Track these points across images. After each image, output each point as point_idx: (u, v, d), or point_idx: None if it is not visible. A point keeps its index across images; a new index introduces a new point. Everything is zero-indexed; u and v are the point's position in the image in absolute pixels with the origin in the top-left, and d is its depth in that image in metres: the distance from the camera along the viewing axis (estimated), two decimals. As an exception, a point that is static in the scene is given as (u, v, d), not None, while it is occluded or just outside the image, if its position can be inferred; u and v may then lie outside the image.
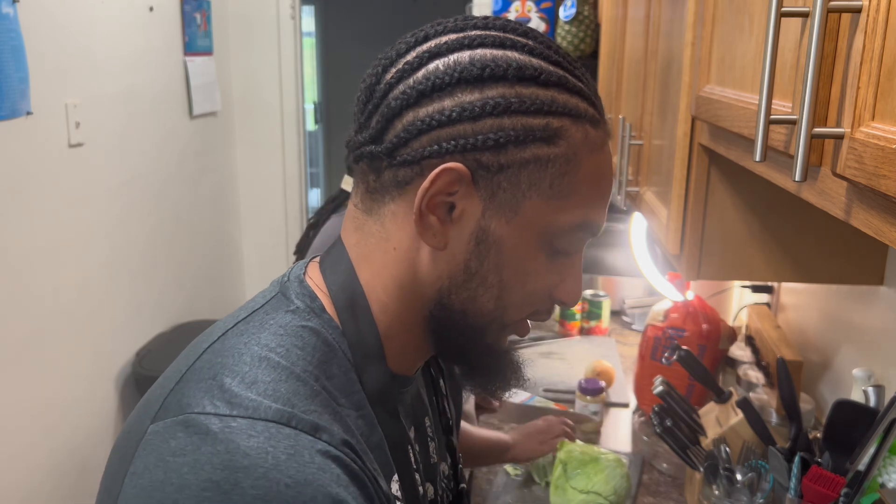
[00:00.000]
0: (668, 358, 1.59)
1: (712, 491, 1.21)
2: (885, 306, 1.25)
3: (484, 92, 0.59)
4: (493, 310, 0.63)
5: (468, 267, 0.62)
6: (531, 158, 0.59)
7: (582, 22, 2.69)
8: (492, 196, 0.60)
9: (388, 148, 0.60)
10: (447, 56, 0.60)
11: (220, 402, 0.54)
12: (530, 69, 0.60)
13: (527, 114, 0.59)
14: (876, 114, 0.52)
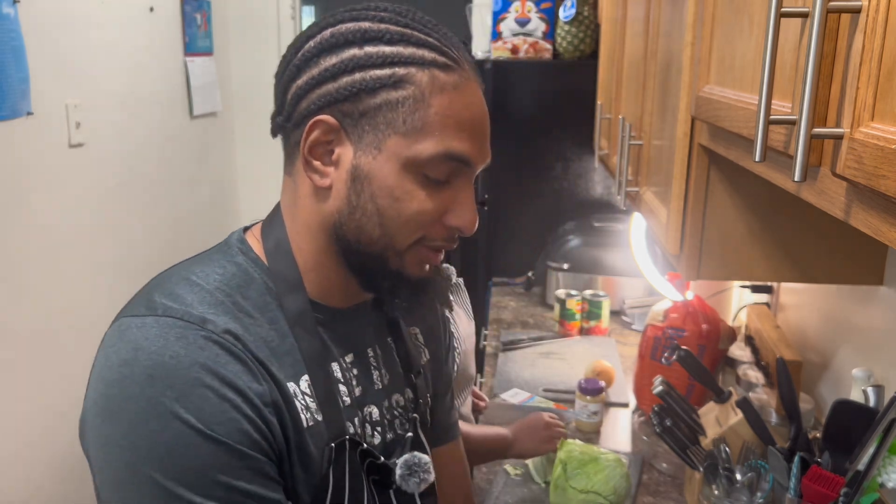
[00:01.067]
0: (668, 358, 1.59)
1: (712, 491, 1.22)
2: (884, 306, 1.25)
3: (340, 56, 0.74)
4: (381, 236, 0.76)
5: (350, 201, 0.76)
6: (382, 103, 0.73)
7: (582, 22, 2.69)
8: (359, 139, 0.74)
9: (286, 116, 0.78)
10: (319, 34, 0.76)
11: (143, 308, 0.75)
12: (376, 31, 0.74)
13: (373, 67, 0.73)
14: (875, 114, 0.52)
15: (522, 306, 2.59)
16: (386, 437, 0.86)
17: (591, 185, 2.80)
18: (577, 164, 2.77)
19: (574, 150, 2.76)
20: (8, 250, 2.01)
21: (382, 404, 0.86)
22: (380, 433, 0.85)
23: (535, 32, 2.76)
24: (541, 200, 2.81)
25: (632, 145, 1.54)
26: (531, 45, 2.75)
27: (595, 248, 2.49)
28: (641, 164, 1.50)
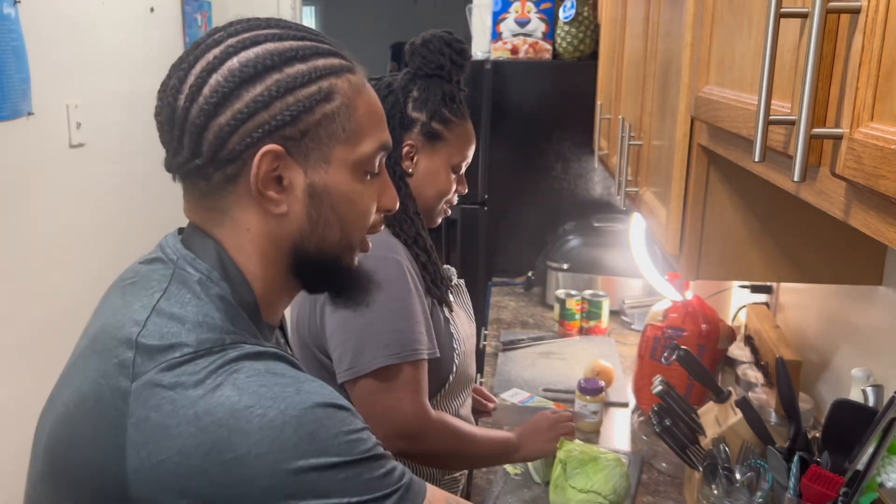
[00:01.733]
0: (668, 358, 1.59)
1: (711, 490, 1.22)
2: (883, 306, 1.25)
3: (264, 83, 0.72)
4: (341, 239, 0.80)
5: (310, 217, 0.77)
6: (321, 118, 0.75)
7: (581, 23, 2.69)
8: (305, 158, 0.75)
9: (209, 156, 0.73)
10: (221, 68, 0.73)
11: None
12: (288, 51, 0.74)
13: (301, 86, 0.73)
14: (875, 114, 0.52)
15: (522, 306, 2.59)
16: None
17: (591, 186, 2.80)
18: (577, 164, 2.78)
19: (574, 151, 2.76)
20: (8, 250, 2.01)
21: None
22: None
23: (534, 33, 2.76)
24: (541, 200, 2.81)
25: (631, 145, 1.54)
26: (531, 45, 2.76)
27: (595, 248, 2.49)
28: (641, 165, 1.51)
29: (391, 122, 1.30)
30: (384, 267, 1.22)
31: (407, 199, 1.33)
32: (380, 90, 1.34)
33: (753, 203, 1.12)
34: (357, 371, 1.22)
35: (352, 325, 1.22)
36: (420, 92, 1.34)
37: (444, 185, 1.37)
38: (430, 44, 1.34)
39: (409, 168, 1.34)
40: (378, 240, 1.24)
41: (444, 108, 1.33)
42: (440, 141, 1.34)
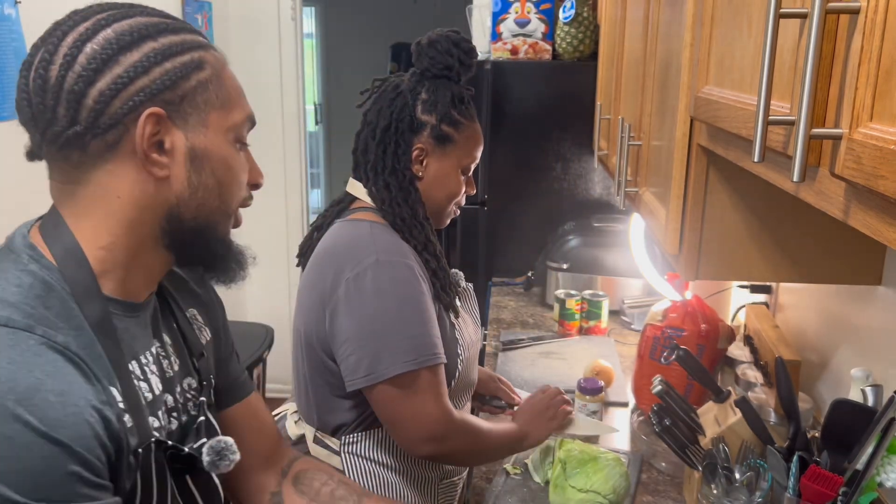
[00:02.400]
0: (667, 357, 1.59)
1: (711, 490, 1.22)
2: (883, 306, 1.25)
3: (141, 50, 0.76)
4: (219, 205, 0.84)
5: (191, 182, 0.80)
6: (197, 84, 0.79)
7: (581, 23, 2.69)
8: (185, 122, 0.79)
9: (89, 123, 0.74)
10: (95, 37, 0.75)
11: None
12: (160, 24, 0.79)
13: (176, 55, 0.78)
14: (874, 114, 0.53)
15: (522, 306, 2.59)
16: (181, 420, 0.89)
17: (591, 186, 2.80)
18: (577, 164, 2.78)
19: (574, 151, 2.76)
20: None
21: (175, 390, 0.89)
22: (175, 418, 0.88)
23: (534, 33, 2.76)
24: (541, 200, 2.81)
25: (631, 146, 1.54)
26: (531, 45, 2.76)
27: (595, 248, 2.49)
28: (641, 165, 1.51)
29: (400, 125, 1.30)
30: (397, 271, 1.22)
31: (416, 203, 1.32)
32: (387, 92, 1.33)
33: (753, 203, 1.12)
34: (375, 378, 1.20)
35: (368, 331, 1.21)
36: (429, 94, 1.32)
37: (454, 186, 1.36)
38: (438, 44, 1.32)
39: (419, 171, 1.33)
40: (389, 244, 1.25)
41: (453, 110, 1.32)
42: (450, 143, 1.33)
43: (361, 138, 1.35)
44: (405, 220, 1.29)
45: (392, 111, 1.31)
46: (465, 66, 1.34)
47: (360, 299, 1.21)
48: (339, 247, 1.28)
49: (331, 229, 1.34)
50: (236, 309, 3.67)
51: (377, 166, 1.31)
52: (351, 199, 1.37)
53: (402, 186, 1.31)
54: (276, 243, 3.74)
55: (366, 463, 1.31)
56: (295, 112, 3.61)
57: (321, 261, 1.30)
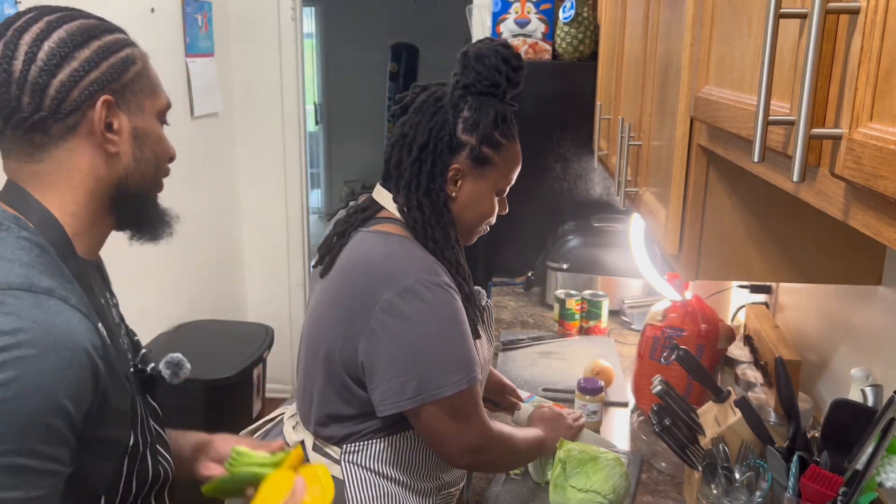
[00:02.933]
0: (667, 357, 1.59)
1: (711, 490, 1.22)
2: (883, 306, 1.25)
3: (91, 48, 0.92)
4: (155, 175, 1.02)
5: (135, 156, 0.98)
6: (133, 76, 0.96)
7: (581, 23, 2.69)
8: (128, 107, 0.96)
9: (52, 110, 0.89)
10: (51, 36, 0.89)
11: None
12: (101, 25, 0.95)
13: (117, 51, 0.94)
14: (874, 114, 0.53)
15: (522, 306, 2.59)
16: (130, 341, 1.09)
17: (591, 186, 2.80)
18: (577, 164, 2.78)
19: (574, 151, 2.76)
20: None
21: (121, 335, 1.05)
22: (126, 343, 1.06)
23: (534, 33, 2.76)
24: (541, 200, 2.81)
25: (631, 146, 1.54)
26: (531, 45, 2.76)
27: (595, 249, 2.49)
28: (640, 165, 1.51)
29: (439, 144, 1.24)
30: (437, 291, 1.19)
31: (449, 225, 1.28)
32: (428, 104, 1.27)
33: (753, 203, 1.12)
34: (424, 399, 1.18)
35: (413, 353, 1.19)
36: (471, 112, 1.25)
37: (487, 208, 1.33)
38: (486, 59, 1.24)
39: (453, 192, 1.28)
40: (426, 264, 1.22)
41: (495, 131, 1.26)
42: (488, 165, 1.28)
43: (395, 149, 1.28)
44: (437, 242, 1.25)
45: (431, 127, 1.25)
46: (512, 84, 1.27)
47: (403, 321, 1.18)
48: (371, 263, 1.24)
49: (357, 239, 1.29)
50: (236, 309, 3.67)
51: (411, 184, 1.26)
52: (377, 208, 1.32)
53: (436, 208, 1.26)
54: (276, 242, 3.74)
55: (366, 473, 1.30)
56: (295, 112, 3.61)
57: (349, 275, 1.25)
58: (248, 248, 3.75)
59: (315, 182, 7.62)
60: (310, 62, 6.97)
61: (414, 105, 1.29)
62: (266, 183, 3.66)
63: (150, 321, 2.80)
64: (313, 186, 7.51)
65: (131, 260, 2.73)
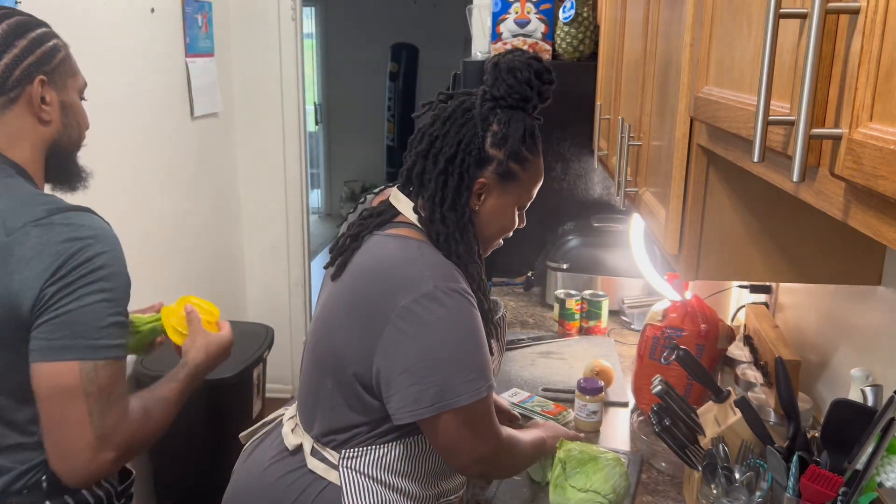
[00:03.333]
0: (667, 357, 1.59)
1: (711, 490, 1.22)
2: (882, 306, 1.25)
3: (27, 38, 1.18)
4: (78, 138, 1.30)
5: (64, 123, 1.25)
6: (60, 60, 1.23)
7: (581, 23, 2.69)
8: (55, 85, 1.23)
9: (0, 84, 1.17)
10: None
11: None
12: (32, 20, 1.22)
13: (47, 40, 1.22)
14: (874, 115, 0.53)
15: (522, 306, 2.59)
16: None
17: (591, 186, 2.80)
18: (577, 164, 2.78)
19: (574, 151, 2.76)
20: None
21: None
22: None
23: (534, 33, 2.76)
24: (541, 200, 2.80)
25: (631, 146, 1.54)
26: (531, 46, 2.76)
27: (595, 248, 2.49)
28: (640, 165, 1.51)
29: (467, 157, 1.22)
30: (456, 299, 1.17)
31: (473, 240, 1.25)
32: (457, 115, 1.24)
33: (752, 203, 1.12)
34: (442, 407, 1.16)
35: (432, 361, 1.16)
36: (501, 126, 1.23)
37: (507, 223, 1.31)
38: (518, 72, 1.22)
39: (476, 206, 1.25)
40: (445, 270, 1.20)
41: (522, 146, 1.24)
42: (513, 180, 1.26)
43: (419, 157, 1.25)
44: (461, 256, 1.23)
45: (460, 140, 1.22)
46: (542, 99, 1.25)
47: (421, 328, 1.16)
48: (388, 268, 1.22)
49: (372, 242, 1.27)
50: (236, 309, 3.67)
51: (435, 197, 1.23)
52: (394, 213, 1.30)
53: (461, 223, 1.24)
54: (276, 242, 3.74)
55: (364, 479, 1.27)
56: (295, 112, 3.61)
57: (365, 279, 1.23)
58: (248, 247, 3.75)
59: (315, 182, 7.62)
60: (310, 62, 6.97)
61: (443, 114, 1.26)
62: (266, 183, 3.67)
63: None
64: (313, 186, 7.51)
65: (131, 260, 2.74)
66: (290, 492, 1.28)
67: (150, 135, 2.78)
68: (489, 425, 1.24)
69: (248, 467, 1.39)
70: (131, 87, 2.63)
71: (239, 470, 1.41)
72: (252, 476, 1.36)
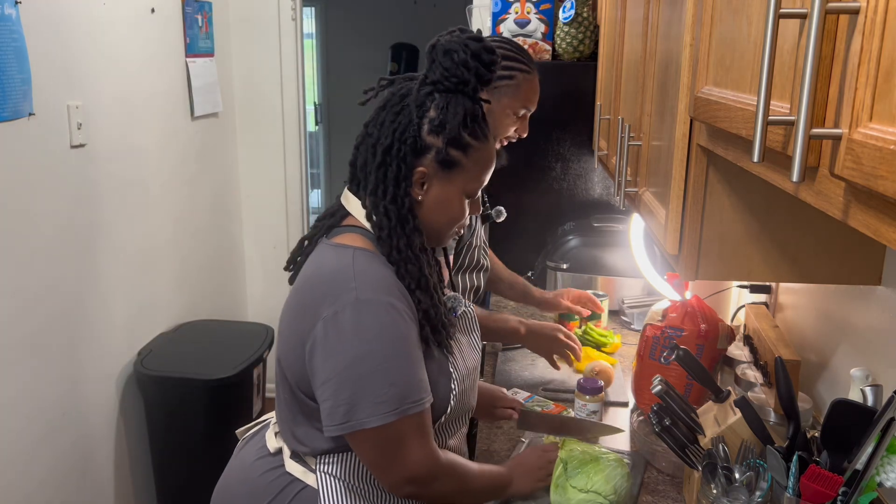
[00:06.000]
0: (667, 357, 1.59)
1: (710, 490, 1.22)
2: (882, 306, 1.25)
3: None
4: None
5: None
6: None
7: (581, 24, 2.69)
8: None
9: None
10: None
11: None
12: None
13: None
14: (874, 115, 0.53)
15: (522, 306, 2.59)
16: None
17: (591, 186, 2.80)
18: (577, 164, 2.78)
19: (573, 151, 2.76)
20: (9, 251, 2.01)
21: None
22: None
23: (534, 34, 2.76)
24: (541, 200, 2.82)
25: (631, 146, 1.55)
26: (531, 46, 2.76)
27: (594, 249, 2.49)
28: (640, 165, 1.51)
29: (402, 146, 1.17)
30: (377, 311, 1.13)
31: (413, 233, 1.20)
32: (392, 103, 1.21)
33: (752, 203, 1.12)
34: (352, 426, 1.14)
35: (345, 376, 1.13)
36: (437, 111, 1.18)
37: (456, 213, 1.25)
38: (454, 54, 1.17)
39: (419, 195, 1.20)
40: (372, 280, 1.16)
41: (463, 131, 1.18)
42: (456, 168, 1.20)
43: (360, 151, 1.23)
44: (401, 251, 1.18)
45: (395, 129, 1.18)
46: (483, 81, 1.19)
47: (338, 341, 1.12)
48: (320, 277, 1.20)
49: (316, 250, 1.26)
50: (236, 309, 3.67)
51: (377, 190, 1.19)
52: (343, 214, 1.27)
53: (401, 214, 1.19)
54: (276, 242, 3.74)
55: (339, 484, 1.25)
56: (295, 112, 3.61)
57: (302, 289, 1.23)
58: (248, 247, 3.75)
59: (315, 182, 7.62)
60: (310, 62, 6.96)
61: (379, 103, 1.22)
62: (266, 183, 3.67)
63: (150, 321, 2.80)
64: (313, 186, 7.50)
65: (131, 260, 2.74)
66: (270, 489, 1.28)
67: (150, 135, 2.78)
68: (416, 447, 1.18)
69: (236, 462, 1.41)
70: (131, 86, 2.63)
71: (230, 464, 1.43)
72: (238, 471, 1.37)
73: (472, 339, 1.40)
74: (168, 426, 2.66)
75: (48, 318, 2.19)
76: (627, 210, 2.00)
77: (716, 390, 1.42)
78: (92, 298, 2.41)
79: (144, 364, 2.60)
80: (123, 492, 2.66)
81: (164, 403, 2.63)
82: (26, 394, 2.11)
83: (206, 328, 3.03)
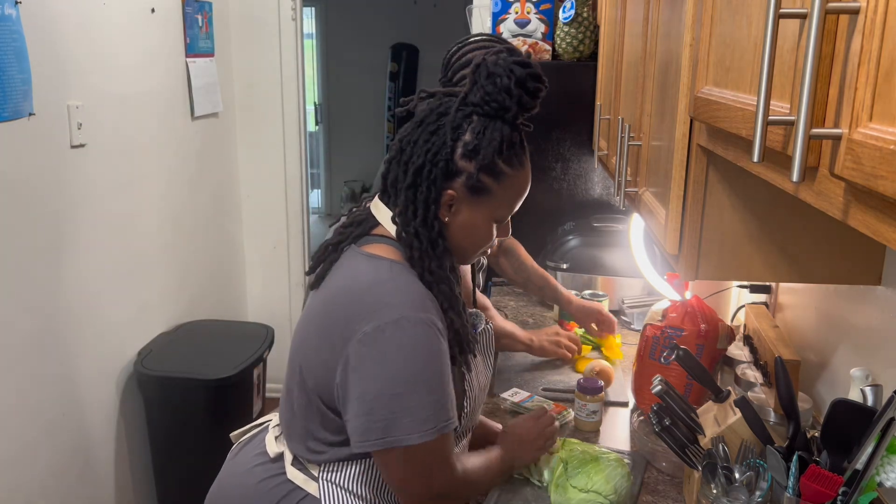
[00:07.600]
0: (667, 357, 1.59)
1: (710, 490, 1.22)
2: (882, 306, 1.25)
3: None
4: None
5: None
6: None
7: (581, 24, 2.69)
8: None
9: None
10: None
11: None
12: None
13: None
14: (874, 115, 0.53)
15: (522, 306, 2.59)
16: None
17: (591, 186, 2.80)
18: (577, 164, 2.78)
19: (573, 151, 2.76)
20: (9, 250, 2.01)
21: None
22: None
23: (534, 34, 2.76)
24: (541, 200, 2.81)
25: (631, 146, 1.55)
26: (531, 46, 2.76)
27: (594, 249, 2.49)
28: (640, 165, 1.51)
29: (434, 169, 1.15)
30: (420, 331, 1.12)
31: (444, 255, 1.18)
32: (429, 121, 1.18)
33: (752, 203, 1.12)
34: (389, 443, 1.13)
35: (384, 394, 1.11)
36: (473, 135, 1.14)
37: (482, 237, 1.23)
38: (498, 79, 1.13)
39: (446, 217, 1.18)
40: (415, 298, 1.14)
41: (497, 159, 1.16)
42: (486, 194, 1.18)
43: (392, 167, 1.20)
44: (433, 273, 1.16)
45: (428, 149, 1.15)
46: (525, 109, 1.16)
47: (380, 357, 1.11)
48: (356, 292, 1.17)
49: (347, 258, 1.23)
50: (236, 309, 3.67)
51: (407, 210, 1.17)
52: (373, 224, 1.25)
53: (431, 237, 1.17)
54: (276, 242, 3.74)
55: (343, 493, 1.24)
56: (295, 112, 3.61)
57: (334, 301, 1.19)
58: (248, 247, 3.75)
59: (315, 182, 7.62)
60: (310, 62, 6.97)
61: (417, 117, 1.20)
62: (266, 183, 3.67)
63: (150, 321, 2.80)
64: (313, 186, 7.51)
65: (132, 260, 2.74)
66: (268, 497, 1.26)
67: (151, 135, 2.78)
68: (441, 466, 1.19)
69: (231, 467, 1.37)
70: (131, 86, 2.63)
71: (223, 469, 1.40)
72: (234, 476, 1.34)
73: (488, 359, 1.41)
74: (168, 426, 2.66)
75: (48, 317, 2.19)
76: (627, 210, 2.00)
77: (716, 390, 1.42)
78: (92, 298, 2.41)
79: (144, 364, 2.60)
80: (123, 492, 2.66)
81: (164, 403, 2.63)
82: (26, 394, 2.11)
83: (206, 328, 3.03)
